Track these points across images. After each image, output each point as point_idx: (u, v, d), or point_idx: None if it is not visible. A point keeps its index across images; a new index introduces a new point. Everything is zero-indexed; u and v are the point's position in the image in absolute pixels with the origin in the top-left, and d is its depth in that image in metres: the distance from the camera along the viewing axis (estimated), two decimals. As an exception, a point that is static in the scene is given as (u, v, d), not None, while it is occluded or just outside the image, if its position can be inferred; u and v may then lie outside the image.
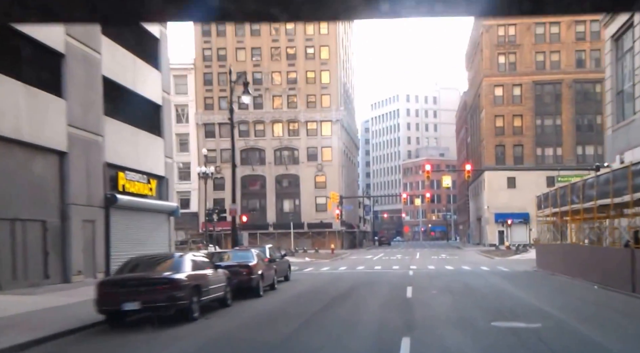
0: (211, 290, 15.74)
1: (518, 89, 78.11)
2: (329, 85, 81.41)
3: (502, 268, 35.51)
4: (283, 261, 25.50)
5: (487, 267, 36.54)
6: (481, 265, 38.10)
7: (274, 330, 13.11)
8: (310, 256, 53.45)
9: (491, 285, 23.45)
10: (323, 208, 77.83)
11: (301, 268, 36.96)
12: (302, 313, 15.41)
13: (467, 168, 49.93)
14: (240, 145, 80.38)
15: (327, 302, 17.72)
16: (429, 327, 12.69)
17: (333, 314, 15.23)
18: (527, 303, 17.10)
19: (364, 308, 16.27)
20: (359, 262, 45.18)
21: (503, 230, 75.70)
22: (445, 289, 21.43)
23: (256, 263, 19.59)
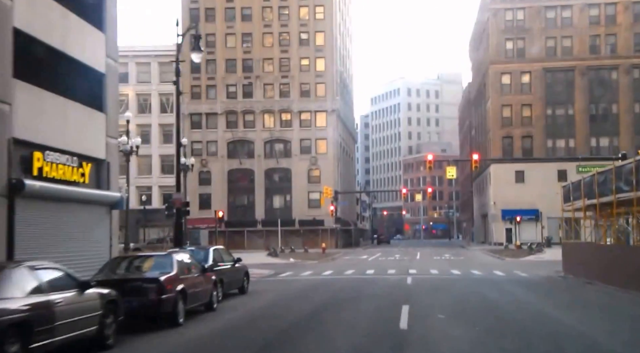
0: (66, 326, 9.07)
1: (527, 76, 71.27)
2: (324, 73, 74.61)
3: (519, 272, 28.70)
4: (235, 269, 18.68)
5: (500, 271, 29.72)
6: (493, 269, 31.32)
7: None
8: (296, 256, 46.71)
9: (519, 302, 16.67)
10: (316, 205, 71.06)
11: (278, 272, 30.22)
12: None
13: (475, 157, 43.26)
14: (227, 137, 73.92)
15: (267, 341, 10.93)
16: None
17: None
18: (593, 341, 10.41)
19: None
20: (350, 264, 38.41)
21: (511, 227, 68.83)
22: (458, 311, 14.66)
23: (172, 276, 12.80)
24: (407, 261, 40.81)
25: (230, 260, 18.66)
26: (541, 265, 35.47)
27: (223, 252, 19.21)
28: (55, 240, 22.55)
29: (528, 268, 32.21)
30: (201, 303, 14.58)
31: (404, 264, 36.03)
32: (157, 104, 75.73)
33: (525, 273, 28.13)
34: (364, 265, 35.96)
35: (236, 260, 18.98)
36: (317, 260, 43.73)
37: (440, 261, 40.70)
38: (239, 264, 19.02)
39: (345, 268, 33.03)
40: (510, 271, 29.65)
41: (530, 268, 32.18)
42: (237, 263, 18.87)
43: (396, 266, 34.06)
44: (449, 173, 43.54)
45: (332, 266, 35.88)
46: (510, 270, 30.56)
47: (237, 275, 18.55)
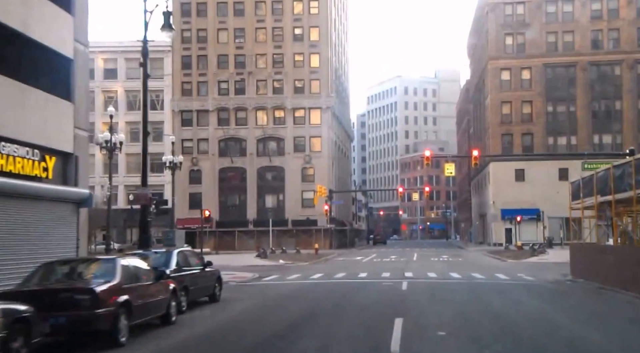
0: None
1: (527, 72, 68.96)
2: (318, 70, 72.20)
3: (524, 276, 26.32)
4: (204, 274, 16.18)
5: (504, 274, 27.32)
6: (495, 272, 28.95)
7: None
8: (287, 258, 44.25)
9: (531, 314, 14.27)
10: (310, 204, 68.59)
11: (263, 275, 27.79)
12: None
13: (474, 154, 40.84)
14: (218, 135, 71.47)
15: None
16: None
17: None
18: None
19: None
20: (342, 266, 35.99)
21: (511, 227, 66.50)
22: (461, 326, 12.26)
23: (113, 286, 10.37)
24: (403, 263, 38.44)
25: (199, 264, 16.21)
26: (545, 267, 33.12)
27: (191, 254, 16.75)
28: (10, 240, 20.11)
29: (532, 271, 29.84)
30: (156, 315, 12.17)
31: (399, 266, 33.65)
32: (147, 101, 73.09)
33: (531, 277, 25.76)
34: (357, 268, 33.55)
35: (206, 264, 16.51)
36: (308, 262, 41.33)
37: (438, 263, 38.34)
38: (209, 268, 16.55)
39: (336, 270, 30.62)
40: (513, 274, 27.27)
41: (535, 271, 29.81)
42: (207, 267, 16.41)
43: (391, 268, 31.66)
44: (447, 170, 41.14)
45: (322, 268, 33.48)
46: (514, 273, 28.17)
47: (206, 281, 16.10)
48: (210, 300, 16.51)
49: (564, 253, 46.90)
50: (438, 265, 35.15)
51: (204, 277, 15.99)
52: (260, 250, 45.22)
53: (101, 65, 73.92)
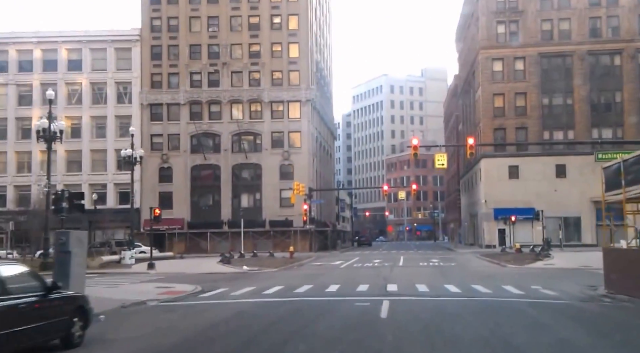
0: None
1: (521, 62, 62.59)
2: (298, 60, 65.42)
3: (541, 289, 19.66)
4: (45, 305, 9.27)
5: (513, 285, 20.60)
6: (500, 282, 22.30)
7: None
8: (255, 263, 37.39)
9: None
10: (289, 204, 61.60)
11: (206, 289, 20.94)
12: None
13: (470, 142, 34.24)
14: (190, 130, 64.49)
15: None
16: None
17: None
18: None
19: None
20: (315, 273, 29.18)
21: (504, 228, 60.07)
22: None
23: None
24: (387, 269, 31.67)
25: (35, 288, 9.34)
26: (558, 275, 26.55)
27: (21, 276, 9.76)
28: None
29: (545, 280, 23.24)
30: None
31: (382, 274, 26.82)
32: (114, 93, 66.16)
33: (550, 291, 19.13)
34: (331, 276, 26.77)
35: (50, 288, 9.60)
36: (277, 268, 34.52)
37: (429, 269, 31.65)
38: (57, 295, 9.68)
39: (303, 281, 23.81)
40: (525, 286, 20.59)
41: (548, 280, 23.22)
42: (51, 294, 9.52)
43: (372, 278, 24.88)
44: (438, 161, 34.49)
45: (288, 277, 26.62)
46: (525, 284, 21.50)
47: (48, 316, 9.24)
48: (64, 345, 9.69)
49: (570, 257, 40.44)
50: (428, 273, 28.47)
51: (43, 310, 9.13)
52: (223, 255, 38.31)
53: (65, 56, 66.91)
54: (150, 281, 25.85)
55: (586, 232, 60.66)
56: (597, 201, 64.00)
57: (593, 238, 60.25)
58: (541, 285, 20.77)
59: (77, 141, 65.33)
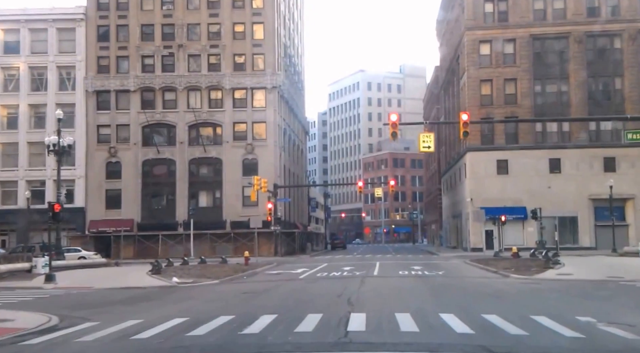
0: None
1: (511, 45, 55.09)
2: (263, 43, 57.16)
3: (603, 325, 11.54)
4: None
5: (547, 316, 12.34)
6: (522, 307, 14.29)
7: None
8: (196, 272, 28.93)
9: None
10: (252, 203, 53.22)
11: (62, 324, 12.60)
12: None
13: (464, 118, 26.28)
14: (142, 120, 55.79)
15: None
16: None
17: None
18: None
19: None
20: (256, 290, 20.76)
21: (492, 229, 52.34)
22: None
23: None
24: (357, 281, 23.32)
25: None
26: (594, 293, 18.56)
27: None
28: None
29: (587, 304, 15.28)
30: None
31: (348, 292, 18.41)
32: (55, 79, 57.26)
33: (616, 327, 11.08)
34: (274, 296, 18.40)
35: None
36: (219, 280, 26.15)
37: (411, 281, 23.45)
38: None
39: (227, 306, 15.54)
40: (567, 317, 12.37)
41: (593, 304, 15.25)
42: None
43: (331, 299, 16.53)
44: (423, 143, 26.37)
45: (213, 298, 18.03)
46: (563, 311, 13.40)
47: None
48: None
49: (584, 264, 31.54)
50: (411, 288, 20.28)
51: None
52: (155, 263, 29.78)
53: (0, 37, 57.93)
54: (13, 304, 17.42)
55: (584, 233, 53.18)
56: (596, 199, 56.75)
57: (592, 241, 52.84)
58: (592, 315, 12.72)
59: (13, 132, 56.57)
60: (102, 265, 38.49)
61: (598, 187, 51.79)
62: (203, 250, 52.21)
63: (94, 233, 53.97)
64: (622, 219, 52.33)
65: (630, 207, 52.65)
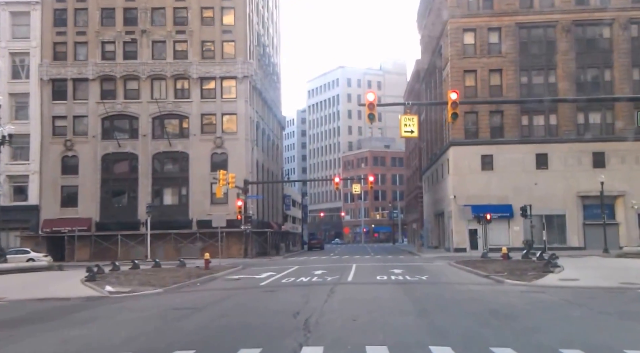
0: None
1: (496, 34, 51.34)
2: (233, 29, 52.71)
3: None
4: None
5: (582, 349, 8.52)
6: (540, 333, 10.21)
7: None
8: (141, 278, 24.42)
9: None
10: (221, 200, 48.86)
11: None
12: None
13: (452, 97, 22.16)
14: (101, 111, 50.90)
15: None
16: None
17: None
18: None
19: None
20: (195, 306, 16.18)
21: (476, 228, 48.50)
22: None
23: None
24: (326, 290, 18.98)
25: None
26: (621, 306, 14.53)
27: None
28: None
29: (632, 328, 11.18)
30: None
31: (308, 310, 13.95)
32: (7, 66, 52.14)
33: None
34: (212, 316, 13.80)
35: None
36: (163, 288, 21.68)
37: (391, 290, 19.16)
38: None
39: (134, 336, 11.17)
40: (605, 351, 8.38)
41: (632, 329, 11.15)
42: None
43: (284, 321, 12.19)
44: (405, 126, 22.21)
45: (133, 318, 13.58)
46: (611, 344, 9.36)
47: None
48: None
49: (585, 268, 27.76)
50: (390, 301, 16.01)
51: None
52: (91, 268, 25.08)
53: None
54: None
55: (572, 232, 49.56)
56: (585, 196, 53.08)
57: (580, 240, 49.22)
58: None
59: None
60: (43, 269, 33.70)
61: (587, 184, 48.29)
62: (167, 251, 47.67)
63: (48, 233, 49.07)
64: (611, 217, 48.79)
65: (621, 205, 49.13)
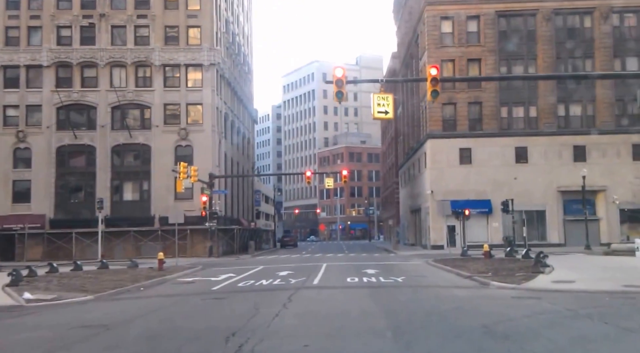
0: None
1: (474, 22, 48.59)
2: (199, 13, 49.02)
3: None
4: None
5: None
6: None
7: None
8: (71, 284, 20.83)
9: None
10: (186, 196, 45.32)
11: None
12: None
13: (432, 72, 19.09)
14: (56, 100, 46.82)
15: None
16: None
17: None
18: None
19: None
20: (122, 316, 13.10)
21: (454, 224, 45.75)
22: None
23: None
24: (283, 298, 15.59)
25: None
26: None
27: None
28: None
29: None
30: None
31: (250, 328, 10.60)
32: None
33: None
34: (122, 338, 10.57)
35: None
36: (94, 295, 18.21)
37: (361, 297, 15.84)
38: None
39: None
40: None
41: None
42: None
43: (210, 345, 9.00)
44: (378, 106, 18.99)
45: (18, 340, 10.35)
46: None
47: None
48: None
49: (575, 267, 24.36)
50: (359, 312, 12.83)
51: None
52: (16, 271, 21.39)
53: None
54: None
55: (552, 228, 47.07)
56: (566, 191, 50.65)
57: (560, 237, 46.74)
58: None
59: None
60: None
61: (567, 178, 45.85)
62: (126, 250, 43.95)
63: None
64: (592, 213, 46.40)
65: (602, 200, 46.78)
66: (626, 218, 46.18)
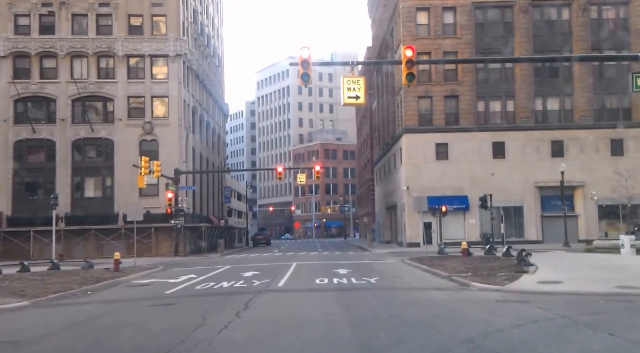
0: None
1: (451, 14, 47.14)
2: (165, 2, 46.58)
3: None
4: None
5: None
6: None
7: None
8: (12, 287, 18.68)
9: None
10: (152, 192, 43.00)
11: None
12: None
13: (408, 54, 17.35)
14: (13, 92, 44.03)
15: None
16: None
17: None
18: None
19: None
20: (42, 330, 11.14)
21: (431, 221, 44.29)
22: None
23: None
24: (239, 305, 13.61)
25: None
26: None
27: None
28: None
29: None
30: None
31: (190, 343, 8.87)
32: None
33: None
34: None
35: None
36: (31, 301, 16.06)
37: (328, 303, 13.91)
38: None
39: None
40: None
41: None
42: None
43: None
44: (348, 90, 17.22)
45: None
46: None
47: None
48: None
49: (562, 267, 21.86)
50: (324, 317, 11.03)
51: None
52: None
53: None
54: None
55: (530, 225, 45.91)
56: (543, 187, 49.48)
57: (538, 234, 45.59)
58: None
59: None
60: None
61: (545, 174, 44.74)
62: (87, 250, 41.51)
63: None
64: (570, 209, 45.35)
65: (580, 196, 45.73)
66: (604, 214, 45.21)
